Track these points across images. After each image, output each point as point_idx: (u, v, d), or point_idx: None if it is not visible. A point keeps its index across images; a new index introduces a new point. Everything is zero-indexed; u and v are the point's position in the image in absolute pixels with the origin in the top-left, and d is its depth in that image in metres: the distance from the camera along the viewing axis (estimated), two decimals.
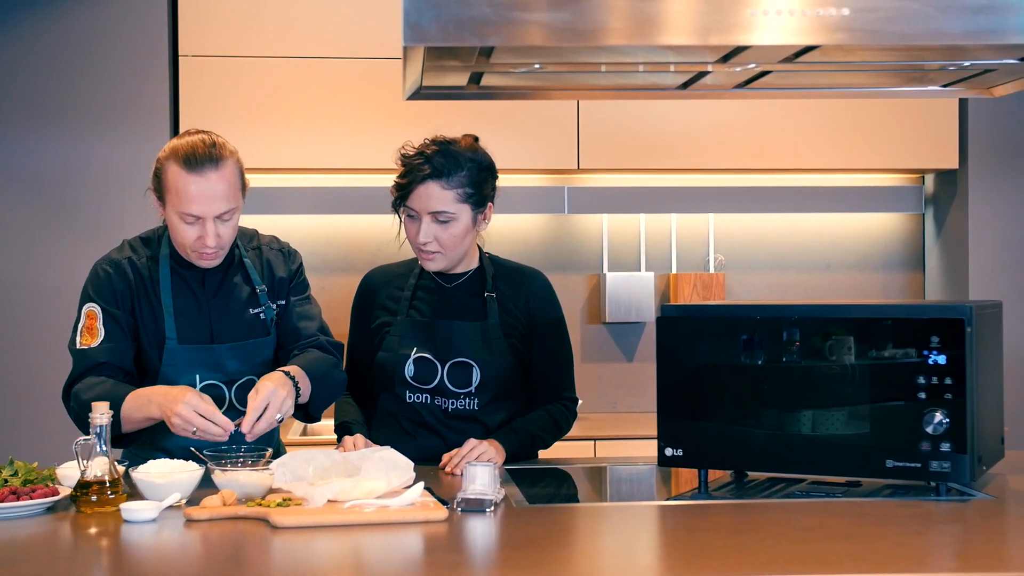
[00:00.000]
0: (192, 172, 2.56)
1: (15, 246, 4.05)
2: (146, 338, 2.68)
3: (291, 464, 2.34)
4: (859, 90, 2.91)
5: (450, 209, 2.74)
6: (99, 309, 2.66)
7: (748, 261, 4.61)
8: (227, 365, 2.70)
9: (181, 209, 2.58)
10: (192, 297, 2.71)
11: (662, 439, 2.51)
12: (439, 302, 2.86)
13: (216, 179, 2.57)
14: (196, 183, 2.56)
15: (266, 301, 2.76)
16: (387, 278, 2.93)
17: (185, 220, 2.59)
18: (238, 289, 2.75)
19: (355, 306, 2.95)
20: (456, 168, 2.73)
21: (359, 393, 2.95)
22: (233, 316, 2.73)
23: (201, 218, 2.58)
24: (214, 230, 2.59)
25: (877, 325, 2.36)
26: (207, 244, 2.60)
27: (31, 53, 4.03)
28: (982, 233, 4.37)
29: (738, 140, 4.31)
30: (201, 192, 2.56)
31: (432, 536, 2.08)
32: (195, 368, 2.67)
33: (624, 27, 2.15)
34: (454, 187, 2.73)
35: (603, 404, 4.53)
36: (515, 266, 2.95)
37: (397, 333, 2.84)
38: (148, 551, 2.04)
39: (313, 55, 4.14)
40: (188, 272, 2.71)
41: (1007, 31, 2.17)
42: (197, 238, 2.60)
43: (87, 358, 2.63)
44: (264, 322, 2.76)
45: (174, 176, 2.58)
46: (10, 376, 4.04)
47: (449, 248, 2.77)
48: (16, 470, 2.33)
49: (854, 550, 1.95)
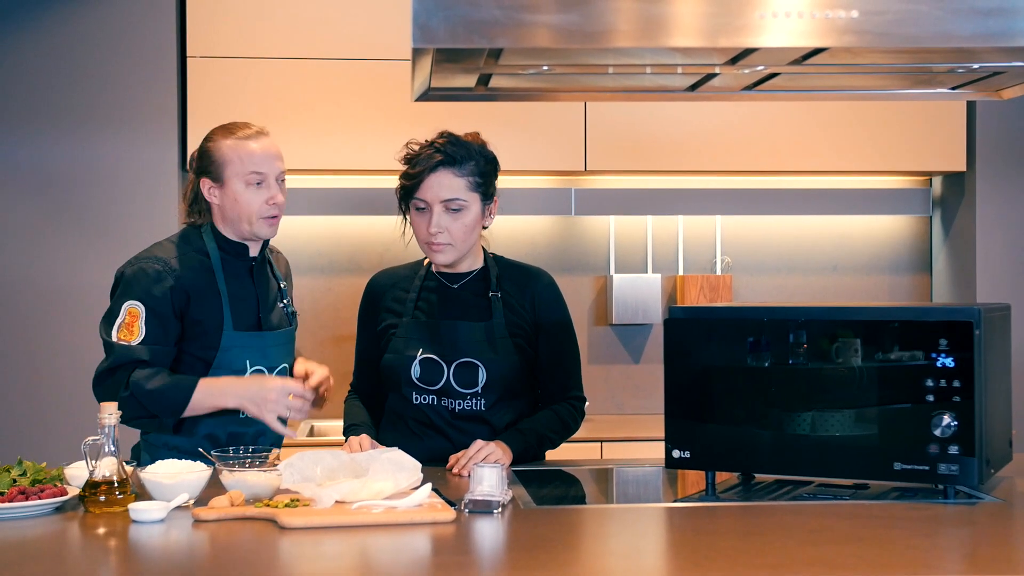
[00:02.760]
0: (250, 139, 2.79)
1: (23, 246, 4.06)
2: (209, 325, 2.78)
3: (299, 465, 2.34)
4: (867, 92, 2.90)
5: (462, 196, 2.76)
6: (142, 308, 2.71)
7: (755, 263, 4.61)
8: (270, 352, 2.83)
9: (247, 170, 2.76)
10: (242, 285, 2.83)
11: (669, 441, 2.51)
12: (444, 302, 2.87)
13: (269, 143, 2.81)
14: (255, 143, 2.78)
15: (288, 296, 2.94)
16: (393, 280, 2.94)
17: (252, 182, 2.76)
18: (271, 282, 2.92)
19: (361, 309, 2.96)
20: (467, 156, 2.78)
21: (368, 395, 2.96)
22: (272, 306, 2.88)
23: (266, 177, 2.77)
24: (278, 189, 2.79)
25: (885, 327, 2.36)
26: (277, 202, 2.78)
27: (39, 54, 4.04)
28: (990, 235, 4.37)
29: (745, 142, 4.31)
30: (263, 149, 2.78)
31: (439, 537, 2.08)
32: (246, 354, 2.79)
33: (632, 29, 2.15)
34: (465, 175, 2.77)
35: (610, 406, 4.53)
36: (520, 266, 2.95)
37: (403, 335, 2.85)
38: (156, 551, 2.04)
39: (321, 56, 4.15)
40: (239, 262, 2.84)
41: (1016, 34, 2.17)
42: (266, 200, 2.77)
43: (128, 353, 2.69)
44: (287, 315, 2.92)
45: (232, 146, 2.78)
46: (18, 376, 4.04)
47: (459, 239, 2.78)
48: (24, 470, 2.33)
49: (862, 552, 1.95)
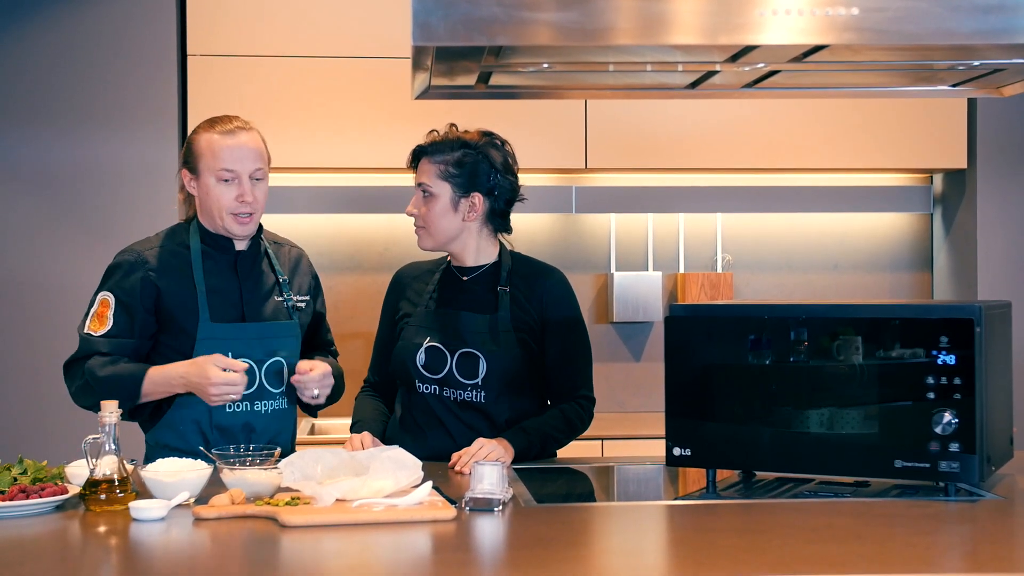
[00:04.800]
0: (226, 134, 2.77)
1: (24, 244, 4.06)
2: (182, 317, 2.76)
3: (299, 463, 2.34)
4: (868, 90, 2.90)
5: (429, 183, 2.85)
6: (112, 299, 2.76)
7: (756, 261, 4.60)
8: (257, 345, 2.79)
9: (218, 167, 2.75)
10: (224, 278, 2.81)
11: (670, 439, 2.51)
12: (455, 293, 2.91)
13: (247, 139, 2.78)
14: (230, 139, 2.76)
15: (288, 291, 2.89)
16: (416, 273, 3.01)
17: (222, 178, 2.75)
18: (265, 275, 2.88)
19: (385, 300, 3.03)
20: (445, 148, 2.86)
21: (384, 387, 3.00)
22: (262, 299, 2.84)
23: (237, 175, 2.75)
24: (250, 188, 2.76)
25: (885, 325, 2.36)
26: (245, 200, 2.75)
27: (40, 52, 4.04)
28: (991, 233, 4.36)
29: (746, 140, 4.31)
30: (237, 146, 2.76)
31: (440, 535, 2.08)
32: (226, 346, 2.75)
33: (632, 27, 2.15)
34: (437, 163, 2.85)
35: (611, 404, 4.52)
36: (534, 263, 3.00)
37: (415, 323, 2.90)
38: (157, 550, 2.04)
39: (321, 55, 4.14)
40: (221, 255, 2.83)
41: (1017, 31, 2.17)
42: (235, 197, 2.75)
43: (89, 345, 2.74)
44: (287, 309, 2.87)
45: (207, 140, 2.77)
46: (19, 374, 4.04)
47: (428, 224, 2.87)
48: (25, 468, 2.33)
49: (862, 550, 1.95)
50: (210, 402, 2.66)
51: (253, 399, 2.77)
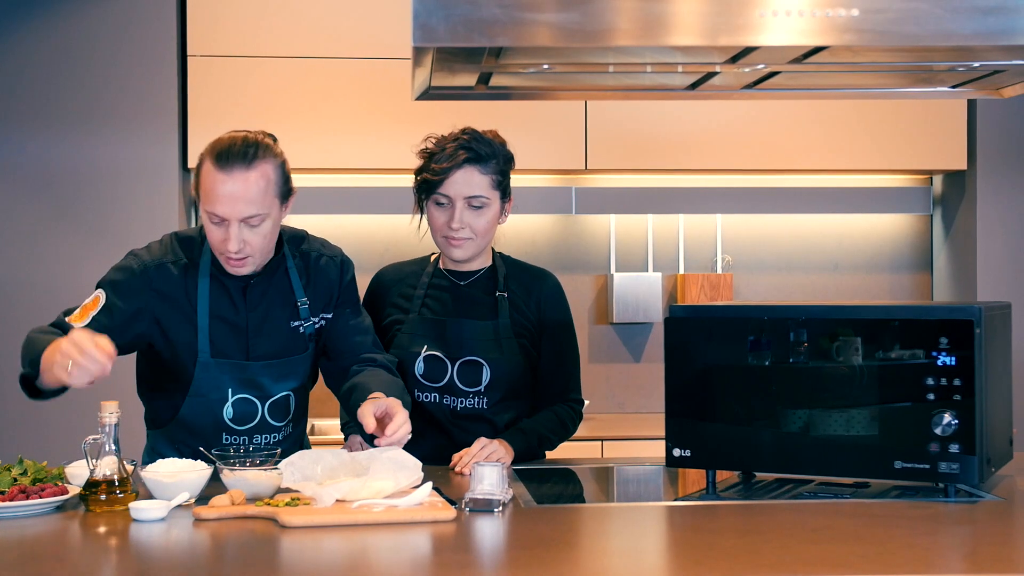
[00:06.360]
0: (221, 170, 2.46)
1: (23, 245, 4.06)
2: (179, 347, 2.59)
3: (299, 464, 2.34)
4: (867, 91, 2.90)
5: (485, 194, 2.78)
6: (104, 298, 2.56)
7: (756, 262, 4.60)
8: (261, 382, 2.62)
9: (207, 208, 2.48)
10: (231, 309, 2.61)
11: (670, 440, 2.51)
12: (452, 300, 2.87)
13: (244, 180, 2.46)
14: (223, 182, 2.46)
15: (307, 315, 2.67)
16: (399, 275, 2.94)
17: (211, 220, 2.50)
18: (280, 301, 2.65)
19: (365, 303, 2.91)
20: (491, 154, 2.79)
21: None
22: (271, 331, 2.63)
23: (226, 220, 2.48)
24: (238, 235, 2.48)
25: (885, 326, 2.36)
26: (229, 248, 2.49)
27: (40, 53, 4.04)
28: (990, 234, 4.37)
29: (746, 141, 4.31)
30: (227, 192, 2.45)
31: (440, 536, 2.08)
32: (228, 383, 2.60)
33: (632, 28, 2.15)
34: (490, 172, 2.79)
35: (610, 404, 4.53)
36: (527, 267, 2.96)
37: (409, 331, 2.84)
38: (157, 550, 2.04)
39: (321, 55, 4.15)
40: (230, 281, 2.61)
41: (1016, 32, 2.17)
42: (222, 240, 2.50)
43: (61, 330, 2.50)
44: (303, 336, 2.67)
45: (206, 173, 2.49)
46: (19, 374, 4.03)
47: (481, 235, 2.80)
48: (25, 469, 2.33)
49: (862, 551, 1.95)
50: (67, 378, 2.26)
51: (253, 433, 2.64)
